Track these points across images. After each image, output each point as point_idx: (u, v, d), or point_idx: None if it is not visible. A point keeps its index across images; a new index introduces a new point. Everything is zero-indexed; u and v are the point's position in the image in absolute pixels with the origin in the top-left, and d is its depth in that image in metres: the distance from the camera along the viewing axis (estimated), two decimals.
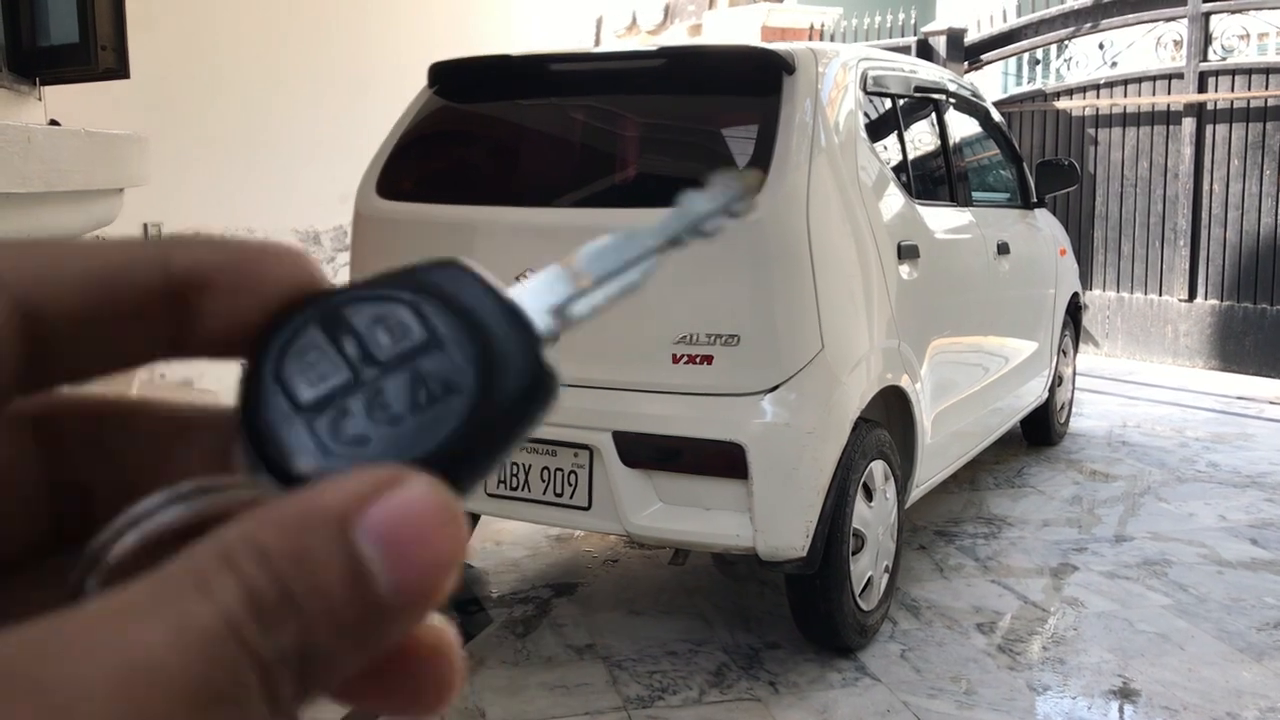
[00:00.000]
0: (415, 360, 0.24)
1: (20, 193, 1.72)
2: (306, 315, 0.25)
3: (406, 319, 0.25)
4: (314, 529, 0.21)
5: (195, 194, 5.66)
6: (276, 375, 0.25)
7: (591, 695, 2.84)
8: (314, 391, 0.24)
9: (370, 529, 0.21)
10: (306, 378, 0.24)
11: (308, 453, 0.24)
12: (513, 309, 0.26)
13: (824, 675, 2.96)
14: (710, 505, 2.82)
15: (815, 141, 2.92)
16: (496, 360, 0.25)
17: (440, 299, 0.25)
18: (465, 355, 0.24)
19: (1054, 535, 4.08)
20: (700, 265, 2.84)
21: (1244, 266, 7.25)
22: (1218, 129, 7.32)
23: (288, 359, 0.25)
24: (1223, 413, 6.18)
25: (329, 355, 0.25)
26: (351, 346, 0.25)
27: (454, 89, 3.41)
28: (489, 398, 0.24)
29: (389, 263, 0.25)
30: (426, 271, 0.26)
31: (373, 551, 0.21)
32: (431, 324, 0.25)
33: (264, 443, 0.24)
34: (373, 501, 0.22)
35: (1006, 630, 3.25)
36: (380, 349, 0.24)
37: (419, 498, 0.22)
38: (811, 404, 2.79)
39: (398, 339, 0.25)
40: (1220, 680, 2.93)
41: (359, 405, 0.24)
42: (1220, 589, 3.56)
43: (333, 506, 0.21)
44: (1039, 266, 4.77)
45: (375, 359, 0.24)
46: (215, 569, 0.20)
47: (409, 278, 0.26)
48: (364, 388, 0.24)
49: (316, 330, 0.25)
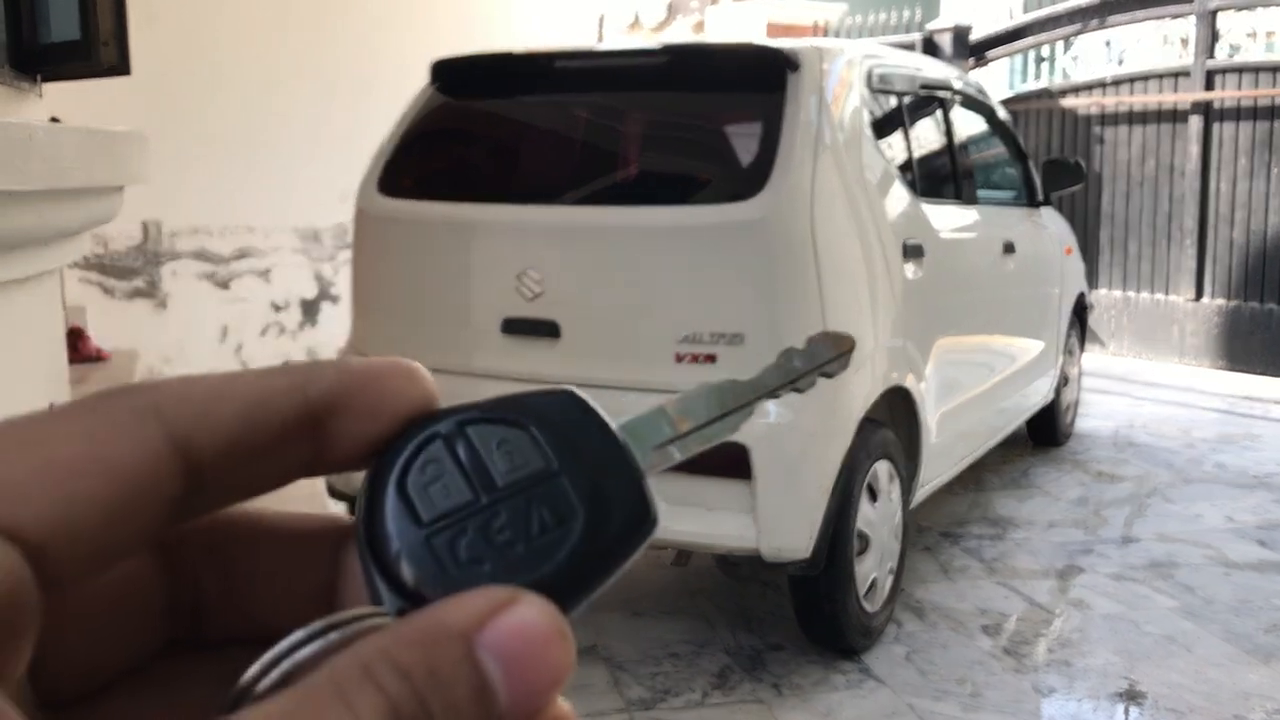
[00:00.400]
0: (531, 489, 0.26)
1: (22, 190, 1.71)
2: (429, 433, 0.27)
3: (525, 446, 0.26)
4: (443, 645, 0.23)
5: (196, 191, 5.65)
6: (399, 489, 0.26)
7: (593, 697, 2.82)
8: (435, 510, 0.26)
9: (492, 645, 0.23)
10: (428, 496, 0.26)
11: (425, 569, 0.25)
12: (620, 445, 0.27)
13: (828, 677, 2.94)
14: (713, 506, 2.80)
15: (820, 139, 2.89)
16: (606, 494, 0.26)
17: (555, 429, 0.27)
18: (578, 488, 0.26)
19: (1060, 537, 4.05)
20: (704, 263, 2.82)
21: (1251, 266, 7.22)
22: (1225, 127, 7.28)
23: (411, 474, 0.26)
24: (1230, 413, 6.15)
25: (452, 475, 0.26)
26: (473, 468, 0.26)
27: (456, 86, 3.39)
28: (597, 530, 0.26)
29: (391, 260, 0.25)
30: (543, 398, 0.28)
31: (493, 667, 0.23)
32: (547, 454, 0.26)
33: (383, 555, 0.25)
34: (493, 620, 0.23)
35: (1012, 632, 3.23)
36: (499, 473, 0.26)
37: (534, 618, 0.23)
38: (815, 404, 2.76)
39: (516, 465, 0.26)
40: (1227, 682, 2.90)
41: (477, 528, 0.25)
42: (1227, 590, 3.53)
43: (460, 623, 0.23)
44: (1045, 266, 4.74)
45: (494, 483, 0.26)
46: (356, 682, 0.22)
47: (525, 402, 0.27)
48: (482, 510, 0.26)
49: (439, 449, 0.26)
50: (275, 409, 0.26)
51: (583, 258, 2.99)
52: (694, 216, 2.89)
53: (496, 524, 0.25)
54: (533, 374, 2.97)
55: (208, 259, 5.89)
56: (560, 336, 2.94)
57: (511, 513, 0.25)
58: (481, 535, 0.25)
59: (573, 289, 2.96)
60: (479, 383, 3.04)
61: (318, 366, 0.27)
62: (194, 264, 5.84)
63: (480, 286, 3.07)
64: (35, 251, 1.99)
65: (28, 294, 2.10)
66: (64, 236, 2.12)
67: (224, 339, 5.98)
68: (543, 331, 2.95)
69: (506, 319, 2.99)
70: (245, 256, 6.01)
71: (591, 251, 2.99)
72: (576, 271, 2.97)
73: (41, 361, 2.25)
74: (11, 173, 1.64)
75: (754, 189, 2.81)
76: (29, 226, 1.83)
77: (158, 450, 0.24)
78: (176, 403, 0.25)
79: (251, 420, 0.25)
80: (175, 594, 0.28)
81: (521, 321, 2.98)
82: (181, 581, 0.28)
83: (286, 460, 0.27)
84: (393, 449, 0.26)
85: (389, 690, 0.22)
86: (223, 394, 0.26)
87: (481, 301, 3.05)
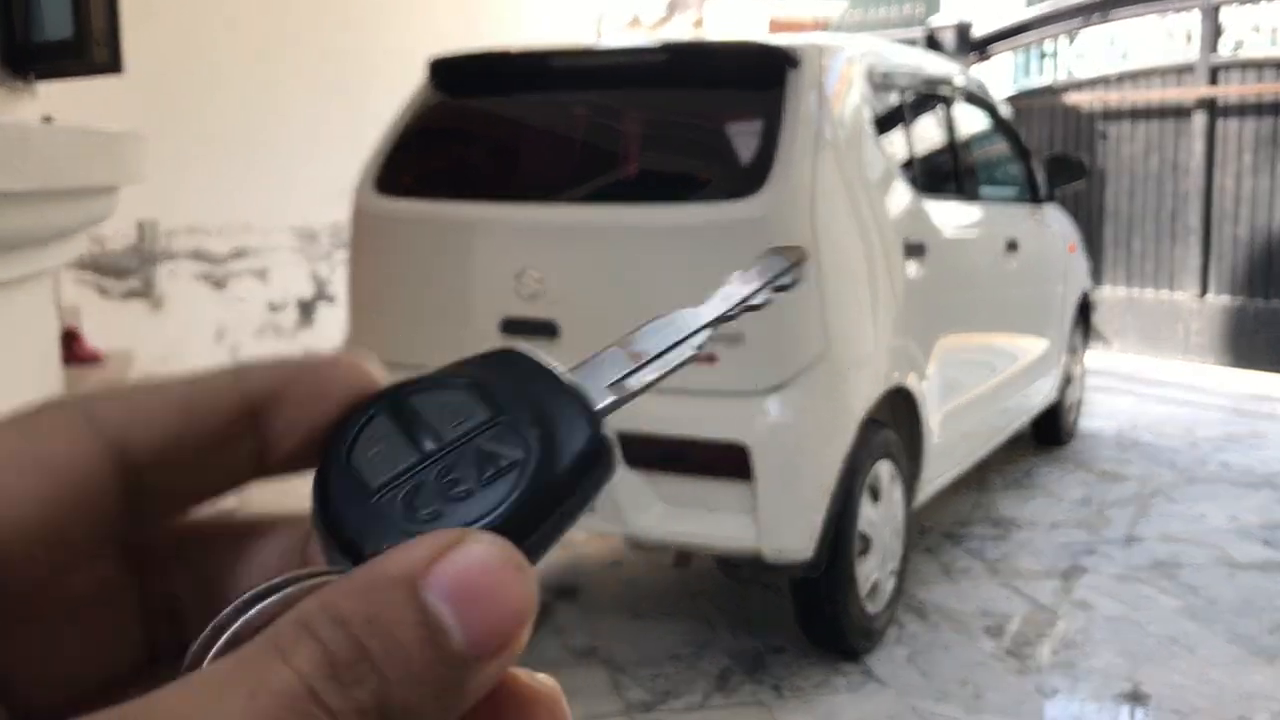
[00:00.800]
0: (478, 437, 0.26)
1: (16, 190, 1.69)
2: (371, 410, 0.27)
3: (468, 400, 0.26)
4: (385, 590, 0.22)
5: (192, 190, 5.63)
6: (347, 466, 0.26)
7: (593, 700, 2.80)
8: (384, 476, 0.26)
9: (438, 586, 0.22)
10: (376, 465, 0.26)
11: (383, 532, 0.25)
12: (567, 384, 0.27)
13: (829, 679, 2.92)
14: (714, 507, 2.78)
15: (820, 136, 2.87)
16: (555, 431, 0.26)
17: (498, 383, 0.27)
18: (526, 429, 0.26)
19: (1063, 537, 4.03)
20: (704, 263, 2.79)
21: (1256, 263, 7.18)
22: (1229, 123, 7.24)
23: (356, 450, 0.26)
24: (1235, 411, 6.12)
25: (396, 441, 0.26)
26: (417, 431, 0.26)
27: (453, 84, 3.37)
28: (550, 464, 0.25)
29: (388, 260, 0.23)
30: (484, 359, 0.28)
31: (444, 607, 0.22)
32: (492, 403, 0.26)
33: (340, 530, 0.25)
34: (439, 561, 0.23)
35: (1015, 634, 3.21)
36: (445, 430, 0.26)
37: (483, 553, 0.23)
38: (816, 404, 2.74)
39: (461, 419, 0.26)
40: (1231, 683, 2.88)
41: (429, 483, 0.25)
42: (1231, 591, 3.51)
43: (401, 567, 0.23)
44: (1048, 263, 4.71)
45: (441, 439, 0.26)
46: (293, 637, 0.22)
47: (467, 365, 0.27)
48: (432, 467, 0.26)
49: (382, 420, 0.26)
50: (210, 403, 0.26)
51: (582, 257, 2.97)
52: (693, 215, 2.87)
53: (446, 477, 0.25)
54: None
55: (204, 259, 5.87)
56: (559, 336, 2.92)
57: (460, 463, 0.25)
58: (430, 489, 0.25)
59: (572, 288, 2.94)
60: None
61: (256, 363, 0.27)
62: (190, 264, 5.82)
63: (478, 286, 3.05)
64: (29, 252, 1.98)
65: (21, 295, 2.08)
66: (59, 237, 2.11)
67: (220, 339, 5.96)
68: (542, 331, 2.93)
69: (505, 318, 2.97)
70: (242, 256, 5.99)
71: (590, 250, 2.97)
72: (575, 270, 2.95)
73: (35, 363, 2.24)
74: (6, 173, 1.63)
75: (754, 187, 2.79)
76: (23, 227, 1.82)
77: (90, 447, 0.24)
78: (108, 404, 0.25)
79: (187, 414, 0.26)
80: (149, 602, 0.28)
81: (520, 321, 2.96)
82: (154, 589, 0.28)
83: (231, 457, 0.26)
84: (337, 430, 0.26)
85: (324, 639, 0.22)
86: (154, 391, 0.26)
87: (480, 301, 3.03)
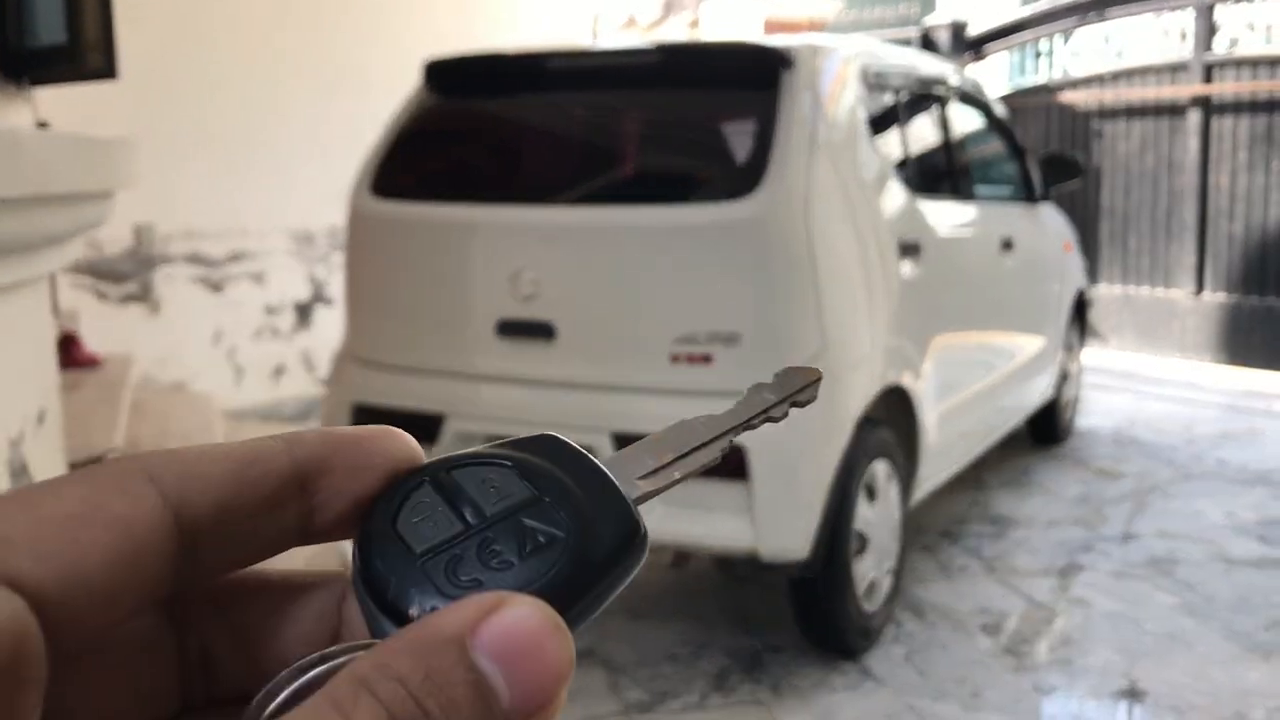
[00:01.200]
0: (520, 514, 0.27)
1: (9, 196, 1.69)
2: (417, 480, 0.28)
3: (510, 480, 0.28)
4: (437, 649, 0.23)
5: (189, 194, 5.63)
6: (392, 531, 0.27)
7: (592, 700, 2.81)
8: (427, 543, 0.26)
9: (485, 645, 0.23)
10: (419, 532, 0.27)
11: (426, 595, 0.26)
12: (603, 473, 0.28)
13: (827, 678, 2.92)
14: (711, 507, 2.78)
15: (815, 137, 2.87)
16: (594, 513, 0.27)
17: (539, 464, 0.28)
18: (565, 511, 0.27)
19: (1060, 535, 4.03)
20: (699, 263, 2.80)
21: (1251, 260, 7.19)
22: (1224, 121, 7.25)
23: (400, 517, 0.27)
24: (1231, 408, 6.13)
25: (440, 511, 0.27)
26: (460, 503, 0.27)
27: (449, 86, 3.37)
28: (588, 544, 0.27)
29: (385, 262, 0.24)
30: (525, 442, 0.29)
31: (491, 667, 0.23)
32: (533, 482, 0.27)
33: (383, 591, 0.26)
34: (485, 620, 0.23)
35: (1012, 631, 3.21)
36: (487, 505, 0.27)
37: (526, 613, 0.24)
38: (812, 404, 2.74)
39: (503, 496, 0.27)
40: (1228, 680, 2.89)
41: (470, 553, 0.26)
42: (1228, 588, 3.51)
43: (453, 627, 0.23)
44: (1044, 262, 4.72)
45: (483, 514, 0.27)
46: (352, 695, 0.22)
47: (508, 446, 0.29)
48: (474, 538, 0.26)
49: (427, 491, 0.27)
50: (263, 469, 0.27)
51: (577, 258, 2.97)
52: (689, 216, 2.87)
53: (488, 548, 0.26)
54: (528, 376, 2.95)
55: (201, 262, 5.87)
56: (556, 338, 2.92)
57: (501, 537, 0.26)
58: (474, 559, 0.26)
59: (568, 290, 2.94)
60: (474, 385, 3.02)
61: (303, 431, 0.28)
62: (187, 267, 5.82)
63: (474, 288, 3.05)
64: (23, 257, 1.98)
65: (16, 300, 2.09)
66: (53, 242, 2.11)
67: (218, 342, 5.96)
68: (538, 333, 2.93)
69: (501, 320, 2.97)
70: (238, 259, 5.99)
71: (586, 252, 2.97)
72: (571, 272, 2.96)
73: (31, 368, 2.24)
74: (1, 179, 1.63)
75: (749, 188, 2.79)
76: (17, 232, 1.82)
77: (152, 504, 0.25)
78: (166, 463, 0.26)
79: (240, 479, 0.26)
80: (186, 654, 0.29)
81: (516, 323, 2.96)
82: (191, 642, 0.29)
83: (279, 522, 0.27)
84: (382, 498, 0.28)
85: (383, 696, 0.22)
86: (211, 455, 0.27)
87: (476, 303, 3.04)
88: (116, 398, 3.52)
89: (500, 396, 2.97)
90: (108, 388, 3.66)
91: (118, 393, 3.60)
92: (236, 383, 5.99)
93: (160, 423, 4.10)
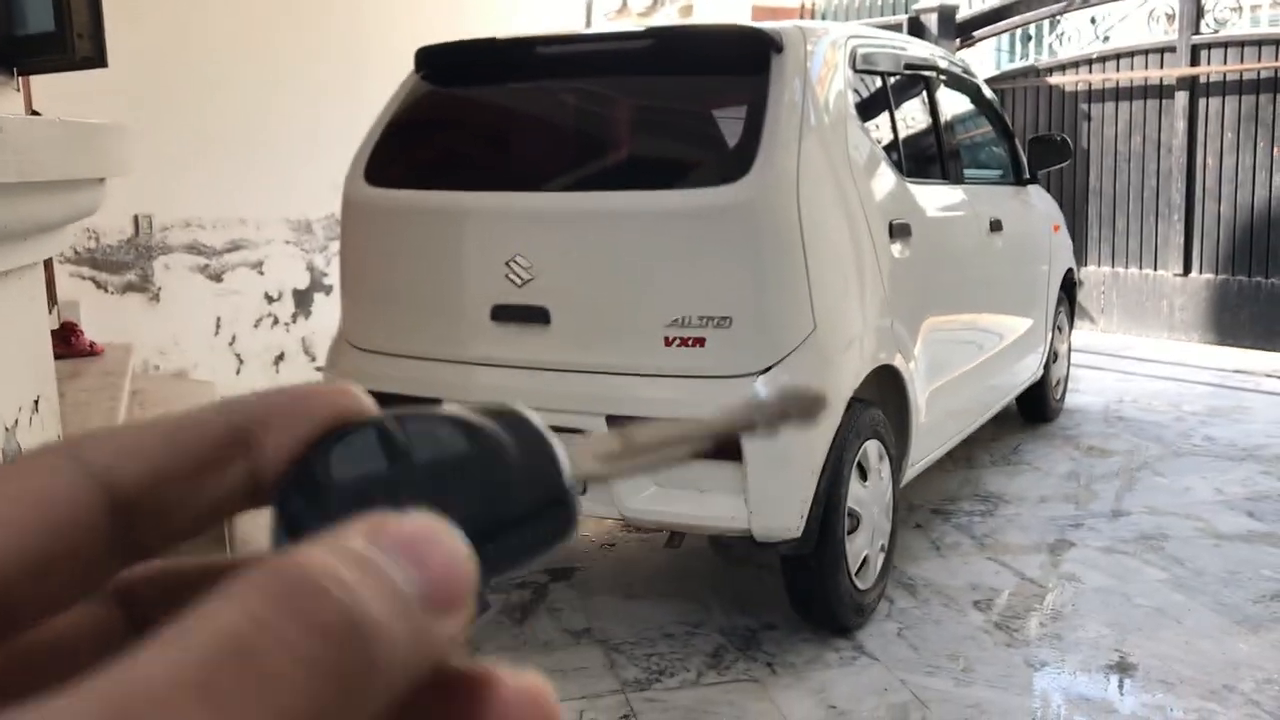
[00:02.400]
0: (447, 465, 0.27)
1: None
2: (355, 428, 0.27)
3: (450, 434, 0.27)
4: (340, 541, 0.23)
5: (187, 184, 5.64)
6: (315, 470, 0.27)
7: (589, 679, 2.84)
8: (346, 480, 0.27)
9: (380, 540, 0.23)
10: (341, 471, 0.27)
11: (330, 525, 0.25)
12: (551, 442, 0.28)
13: (821, 655, 2.96)
14: (705, 488, 2.82)
15: (805, 121, 2.90)
16: (524, 474, 0.27)
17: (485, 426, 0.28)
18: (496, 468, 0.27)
19: (1051, 511, 4.08)
20: (691, 247, 2.82)
21: (1239, 240, 7.24)
22: (1211, 102, 7.29)
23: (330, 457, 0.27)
24: (1219, 386, 6.18)
25: (369, 455, 0.27)
26: (391, 452, 0.27)
27: (441, 74, 3.39)
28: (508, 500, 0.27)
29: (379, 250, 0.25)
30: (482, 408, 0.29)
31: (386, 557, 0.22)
32: (473, 439, 0.27)
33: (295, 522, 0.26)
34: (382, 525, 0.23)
35: (1004, 607, 3.25)
36: (419, 454, 0.27)
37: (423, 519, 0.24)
38: (804, 384, 2.77)
39: (438, 448, 0.27)
40: (1217, 653, 2.93)
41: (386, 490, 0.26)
42: (1217, 562, 3.56)
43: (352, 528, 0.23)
44: (1033, 243, 4.75)
45: (411, 461, 0.27)
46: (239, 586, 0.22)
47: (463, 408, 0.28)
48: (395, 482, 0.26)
49: (363, 436, 0.27)
50: (195, 432, 0.26)
51: (571, 243, 2.99)
52: (680, 200, 2.89)
53: (406, 491, 0.26)
54: (523, 360, 2.98)
55: (200, 252, 5.89)
56: (550, 323, 2.94)
57: (422, 482, 0.26)
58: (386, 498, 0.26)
59: (561, 275, 2.97)
60: (469, 370, 3.04)
61: (242, 396, 0.28)
62: (186, 257, 5.83)
63: (469, 274, 3.07)
64: (13, 245, 1.98)
65: (8, 288, 2.09)
66: (43, 230, 2.11)
67: (218, 331, 5.98)
68: (532, 318, 2.96)
69: (496, 306, 3.00)
70: (238, 249, 6.00)
71: (579, 237, 2.99)
72: (565, 257, 2.98)
73: (26, 355, 2.25)
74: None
75: (740, 172, 2.82)
76: (6, 219, 1.82)
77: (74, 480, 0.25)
78: (94, 442, 0.26)
79: (172, 444, 0.26)
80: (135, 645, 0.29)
81: (511, 308, 2.98)
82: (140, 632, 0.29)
83: (222, 485, 0.27)
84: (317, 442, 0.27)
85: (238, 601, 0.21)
86: (141, 426, 0.26)
87: (470, 289, 3.06)
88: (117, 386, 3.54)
89: (495, 381, 3.00)
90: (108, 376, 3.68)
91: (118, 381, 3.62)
92: (237, 371, 6.02)
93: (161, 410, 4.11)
